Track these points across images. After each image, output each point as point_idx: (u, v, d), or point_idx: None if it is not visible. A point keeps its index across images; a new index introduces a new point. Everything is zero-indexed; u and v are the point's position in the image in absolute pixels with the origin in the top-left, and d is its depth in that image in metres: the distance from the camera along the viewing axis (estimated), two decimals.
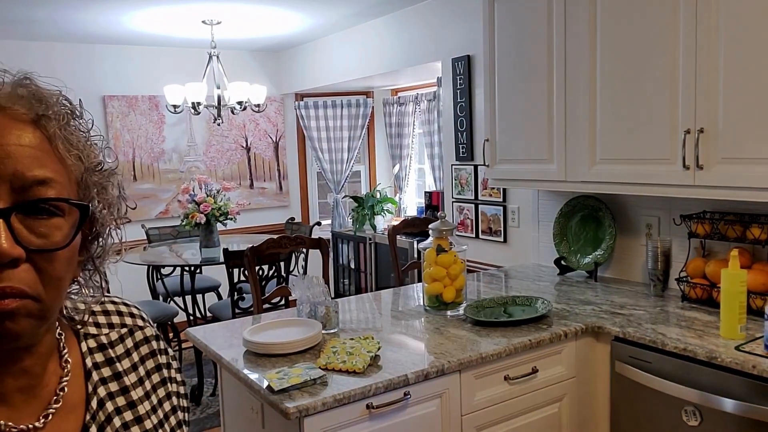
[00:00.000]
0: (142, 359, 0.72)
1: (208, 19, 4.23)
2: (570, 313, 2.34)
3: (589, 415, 2.27)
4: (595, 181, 2.51)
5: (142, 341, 0.73)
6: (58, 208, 0.56)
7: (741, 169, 2.01)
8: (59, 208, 0.56)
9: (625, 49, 2.33)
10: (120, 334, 0.71)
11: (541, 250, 3.23)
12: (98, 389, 0.65)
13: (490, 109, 2.97)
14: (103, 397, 0.65)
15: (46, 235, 0.55)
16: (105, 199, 0.64)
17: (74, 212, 0.57)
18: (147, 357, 0.72)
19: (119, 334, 0.71)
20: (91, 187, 0.61)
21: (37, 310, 0.54)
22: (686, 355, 1.92)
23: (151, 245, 4.82)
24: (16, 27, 4.31)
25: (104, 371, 0.67)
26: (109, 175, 0.64)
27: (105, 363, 0.68)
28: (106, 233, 0.66)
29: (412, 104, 5.38)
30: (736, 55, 2.00)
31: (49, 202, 0.55)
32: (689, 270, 2.41)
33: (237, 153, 5.73)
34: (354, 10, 4.27)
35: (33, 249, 0.53)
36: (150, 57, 5.27)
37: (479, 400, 2.00)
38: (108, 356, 0.68)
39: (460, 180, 3.82)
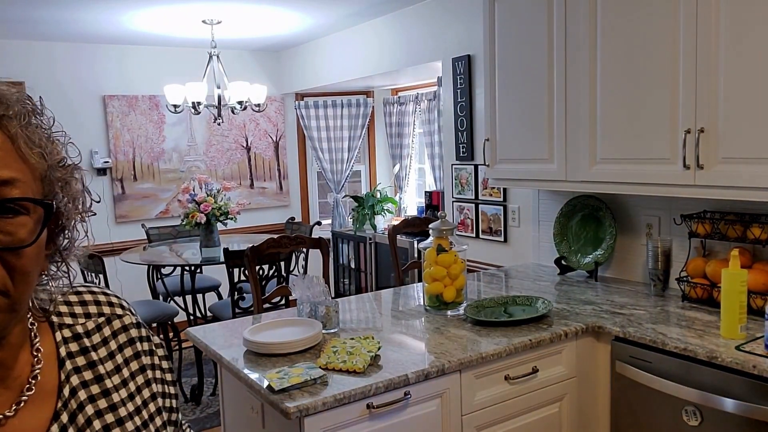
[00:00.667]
0: (120, 347, 0.73)
1: (208, 18, 4.23)
2: (570, 313, 2.34)
3: (589, 415, 2.27)
4: (595, 181, 2.51)
5: (120, 329, 0.73)
6: (23, 207, 0.57)
7: (741, 168, 2.01)
8: (24, 207, 0.57)
9: (626, 49, 2.33)
10: (97, 323, 0.72)
11: (542, 250, 3.23)
12: (71, 378, 0.66)
13: (490, 109, 2.97)
14: (76, 385, 0.66)
15: (12, 233, 0.56)
16: (69, 193, 0.64)
17: (39, 209, 0.59)
18: (125, 345, 0.73)
19: (96, 323, 0.72)
20: (55, 183, 0.62)
21: (6, 305, 0.56)
22: (687, 354, 1.92)
23: (151, 245, 4.82)
24: (16, 27, 4.31)
25: (78, 360, 0.68)
26: (72, 170, 0.65)
27: (80, 352, 0.69)
28: (72, 226, 0.66)
29: (413, 104, 5.38)
30: (737, 54, 2.00)
31: (15, 202, 0.56)
32: (689, 270, 2.41)
33: (237, 153, 5.73)
34: (354, 10, 4.27)
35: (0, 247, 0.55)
36: (150, 57, 5.27)
37: (479, 400, 2.00)
38: (83, 345, 0.69)
39: (460, 180, 3.82)
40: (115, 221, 5.20)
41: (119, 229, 5.21)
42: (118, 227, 5.21)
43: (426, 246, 2.43)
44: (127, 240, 5.18)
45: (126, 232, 5.23)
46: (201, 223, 4.27)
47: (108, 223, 5.16)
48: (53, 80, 4.89)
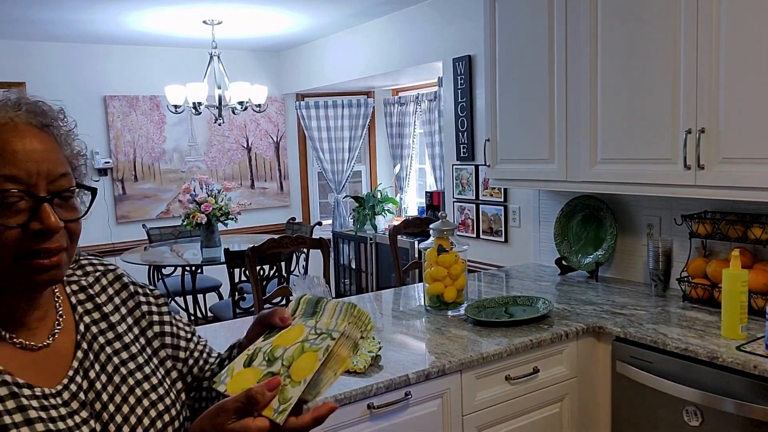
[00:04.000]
0: (117, 292, 0.94)
1: (208, 19, 4.24)
2: (571, 313, 2.34)
3: (590, 416, 2.27)
4: (596, 181, 2.51)
5: (114, 279, 0.95)
6: (72, 191, 0.81)
7: (742, 168, 2.01)
8: (72, 191, 0.81)
9: (626, 49, 2.33)
10: (95, 276, 0.94)
11: (542, 250, 3.23)
12: (84, 318, 0.88)
13: (491, 109, 2.97)
14: (88, 323, 0.88)
15: (71, 210, 0.80)
16: (82, 174, 0.86)
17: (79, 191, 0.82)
18: (120, 290, 0.94)
19: (95, 277, 0.93)
20: (77, 169, 0.85)
21: (67, 258, 0.80)
22: (687, 355, 1.92)
23: (152, 245, 4.83)
24: (16, 27, 4.31)
25: (87, 305, 0.90)
26: (85, 158, 0.87)
27: (87, 299, 0.90)
28: None
29: (413, 104, 5.38)
30: (738, 54, 1.99)
31: (71, 189, 0.80)
32: (690, 270, 2.41)
33: (238, 153, 5.73)
34: (354, 10, 4.27)
35: (67, 220, 0.79)
36: (151, 57, 5.27)
37: (480, 400, 2.00)
38: (88, 293, 0.91)
39: (461, 180, 3.82)
40: (116, 221, 5.20)
41: (120, 229, 5.22)
42: (118, 227, 5.21)
43: (427, 246, 2.43)
44: (128, 240, 5.18)
45: (127, 232, 5.24)
46: (202, 224, 4.27)
47: (109, 224, 5.16)
48: (54, 80, 4.89)
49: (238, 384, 0.77)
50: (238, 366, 0.80)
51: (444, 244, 2.38)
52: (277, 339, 0.82)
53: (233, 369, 0.79)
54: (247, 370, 0.78)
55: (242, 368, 0.79)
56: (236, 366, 0.80)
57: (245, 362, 0.79)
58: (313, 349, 0.78)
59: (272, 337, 0.83)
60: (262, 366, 0.78)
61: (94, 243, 4.96)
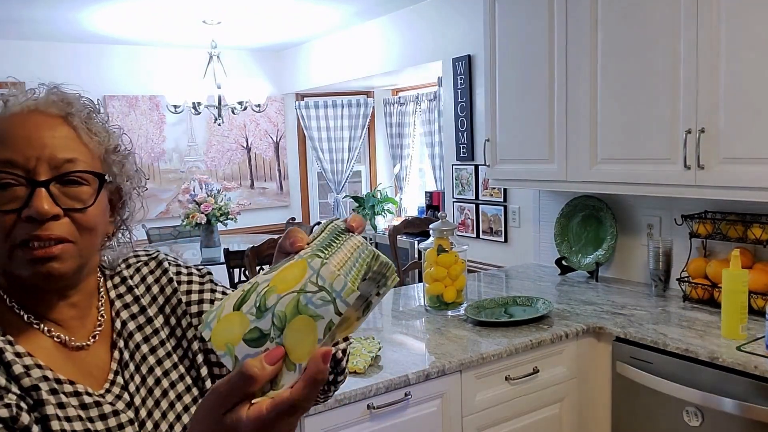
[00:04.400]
0: (157, 279, 0.90)
1: (208, 19, 4.23)
2: (571, 314, 2.34)
3: (590, 416, 2.27)
4: (596, 181, 2.51)
5: (155, 267, 0.91)
6: (83, 179, 0.76)
7: (742, 169, 2.01)
8: (85, 179, 0.76)
9: (626, 50, 2.33)
10: (136, 267, 0.91)
11: (542, 250, 3.22)
12: (121, 313, 0.85)
13: (490, 109, 2.96)
14: (126, 319, 0.85)
15: (76, 198, 0.76)
16: (125, 173, 0.83)
17: (96, 181, 0.78)
18: (160, 277, 0.91)
19: (135, 267, 0.91)
20: (112, 165, 0.81)
21: (74, 250, 0.75)
22: (687, 355, 1.92)
23: (152, 245, 4.82)
24: (16, 27, 4.30)
25: (126, 298, 0.87)
26: (127, 154, 0.84)
27: (126, 292, 0.87)
28: (129, 200, 0.85)
29: (413, 104, 5.38)
30: (738, 54, 1.99)
31: (73, 173, 0.75)
32: (690, 270, 2.41)
33: (237, 153, 5.73)
34: (354, 10, 4.27)
35: (67, 208, 0.74)
36: (150, 57, 5.26)
37: (480, 401, 2.00)
38: (128, 285, 0.88)
39: (460, 180, 3.82)
40: None
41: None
42: None
43: (426, 246, 2.43)
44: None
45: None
46: (201, 224, 4.27)
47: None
48: (53, 80, 4.76)
49: (222, 333, 0.61)
50: (228, 306, 0.62)
51: (444, 244, 2.38)
52: (278, 276, 0.61)
53: (222, 309, 0.62)
54: (235, 315, 0.61)
55: (231, 311, 0.61)
56: (226, 306, 0.62)
57: (236, 303, 0.62)
58: (309, 312, 0.59)
59: (275, 270, 0.63)
60: (251, 315, 0.60)
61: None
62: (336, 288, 0.59)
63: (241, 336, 0.60)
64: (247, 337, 0.59)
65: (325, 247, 0.63)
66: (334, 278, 0.59)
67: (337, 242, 0.64)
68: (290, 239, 0.65)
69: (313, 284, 0.60)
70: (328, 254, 0.62)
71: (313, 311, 0.59)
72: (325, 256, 0.62)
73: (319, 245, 0.64)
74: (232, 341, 0.60)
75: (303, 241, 0.65)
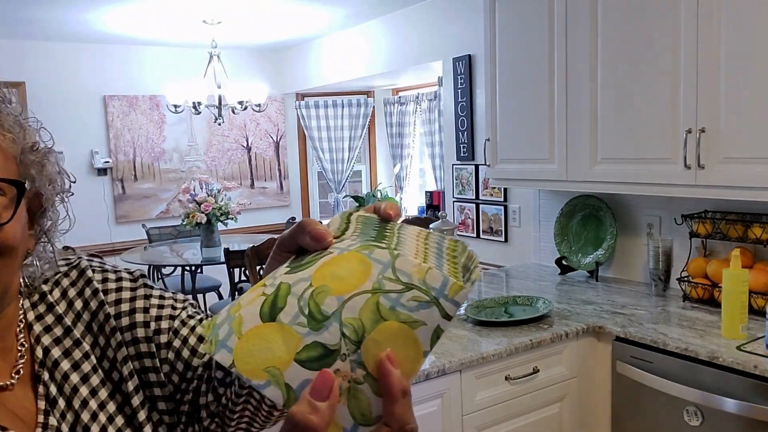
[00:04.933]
0: (79, 292, 0.73)
1: (208, 18, 4.23)
2: (571, 313, 2.34)
3: (590, 416, 2.27)
4: (596, 181, 2.51)
5: (77, 277, 0.74)
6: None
7: (742, 168, 2.01)
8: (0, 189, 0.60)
9: (627, 49, 2.33)
10: (55, 279, 0.73)
11: (542, 250, 3.22)
12: (42, 338, 0.69)
13: (491, 109, 2.96)
14: (49, 344, 0.69)
15: None
16: (45, 175, 0.67)
17: (13, 190, 0.61)
18: (83, 288, 0.73)
19: (54, 281, 0.73)
20: (30, 166, 0.65)
21: None
22: (688, 355, 1.92)
23: (152, 245, 4.83)
24: (16, 27, 4.31)
25: (48, 318, 0.70)
26: (46, 153, 0.68)
27: (47, 310, 0.71)
28: (52, 207, 0.69)
29: (413, 104, 5.38)
30: (738, 54, 1.99)
31: None
32: (690, 270, 2.41)
33: (238, 153, 5.73)
34: (354, 10, 4.27)
35: None
36: (151, 56, 5.27)
37: (480, 400, 2.00)
38: (47, 302, 0.71)
39: (461, 179, 3.82)
40: (116, 221, 5.20)
41: (120, 229, 5.21)
42: (118, 227, 5.21)
43: None
44: (127, 240, 5.18)
45: (126, 232, 5.23)
46: (201, 223, 4.27)
47: (108, 223, 5.16)
48: (53, 80, 4.89)
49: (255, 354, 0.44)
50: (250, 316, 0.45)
51: None
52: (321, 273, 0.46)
53: (240, 321, 0.45)
54: (270, 328, 0.44)
55: (259, 322, 0.44)
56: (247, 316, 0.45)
57: (264, 310, 0.45)
58: (401, 317, 0.43)
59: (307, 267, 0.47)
60: (300, 326, 0.44)
61: (94, 243, 4.96)
62: (432, 284, 0.44)
63: (291, 355, 0.43)
64: (303, 357, 0.43)
65: (373, 237, 0.48)
66: (425, 272, 0.44)
67: (386, 232, 0.50)
68: (310, 233, 0.49)
69: (392, 281, 0.44)
70: (391, 242, 0.47)
71: (406, 316, 0.44)
72: (387, 242, 0.47)
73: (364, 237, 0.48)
74: (276, 364, 0.43)
75: (329, 234, 0.49)
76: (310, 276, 0.45)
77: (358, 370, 0.43)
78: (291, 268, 0.48)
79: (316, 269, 0.46)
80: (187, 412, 0.74)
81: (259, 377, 0.43)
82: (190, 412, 0.75)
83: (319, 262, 0.46)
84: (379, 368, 0.42)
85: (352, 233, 0.50)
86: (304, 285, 0.45)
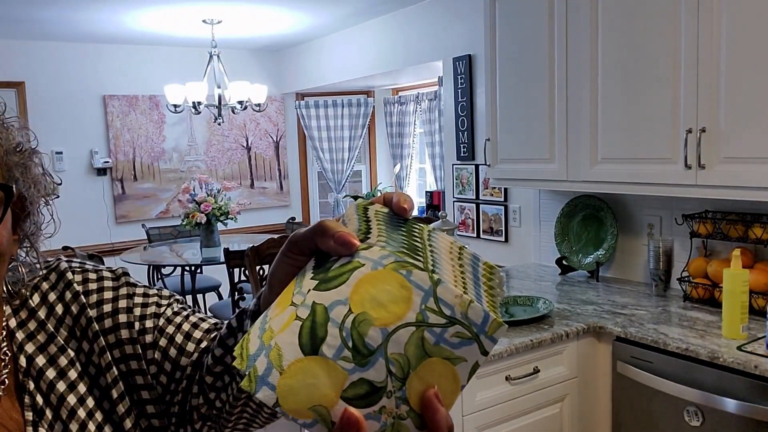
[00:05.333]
0: (60, 296, 0.69)
1: (208, 18, 4.23)
2: (571, 313, 2.34)
3: (590, 416, 2.27)
4: (596, 181, 2.51)
5: (56, 281, 0.71)
6: None
7: (743, 168, 2.01)
8: None
9: (627, 49, 2.33)
10: (34, 284, 0.70)
11: (543, 250, 3.22)
12: (25, 346, 0.66)
13: (491, 109, 2.96)
14: (32, 352, 0.66)
15: None
16: (29, 177, 0.64)
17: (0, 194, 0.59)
18: (63, 291, 0.70)
19: (34, 285, 0.70)
20: (13, 168, 0.62)
21: None
22: (688, 355, 1.91)
23: (152, 245, 4.82)
24: (16, 27, 4.30)
25: (30, 325, 0.67)
26: (30, 154, 0.65)
27: (29, 316, 0.68)
28: (36, 211, 0.66)
29: (413, 104, 5.38)
30: (738, 54, 1.99)
31: None
32: (691, 270, 2.40)
33: (237, 152, 5.72)
34: (354, 10, 4.27)
35: None
36: (150, 56, 5.26)
37: (480, 400, 2.00)
38: (29, 307, 0.68)
39: (461, 179, 3.81)
40: (116, 221, 5.20)
41: (119, 229, 5.21)
42: (118, 227, 5.21)
43: None
44: (127, 240, 5.18)
45: (126, 232, 5.23)
46: (201, 223, 4.27)
47: (108, 224, 5.16)
48: (53, 80, 4.88)
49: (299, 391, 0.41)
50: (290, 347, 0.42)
51: None
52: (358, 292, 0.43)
53: (280, 352, 0.42)
54: (313, 362, 0.41)
55: (301, 355, 0.42)
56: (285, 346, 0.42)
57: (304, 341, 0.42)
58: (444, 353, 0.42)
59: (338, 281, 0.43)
60: (345, 361, 0.41)
61: (94, 243, 4.96)
62: (474, 320, 0.42)
63: (338, 393, 0.41)
64: (349, 395, 0.41)
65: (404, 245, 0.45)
66: (467, 306, 0.43)
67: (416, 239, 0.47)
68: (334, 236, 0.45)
69: (436, 313, 0.42)
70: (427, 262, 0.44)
71: (449, 352, 0.42)
72: (425, 265, 0.44)
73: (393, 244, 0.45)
74: (323, 402, 0.41)
75: (355, 238, 0.45)
76: (347, 299, 0.42)
77: (402, 406, 0.42)
78: (318, 280, 0.44)
79: (352, 290, 0.43)
80: (178, 414, 0.71)
81: (306, 416, 0.41)
82: (181, 414, 0.71)
83: (352, 278, 0.43)
84: (427, 405, 0.42)
85: (377, 236, 0.46)
86: (343, 310, 0.42)
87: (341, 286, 0.43)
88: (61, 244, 4.32)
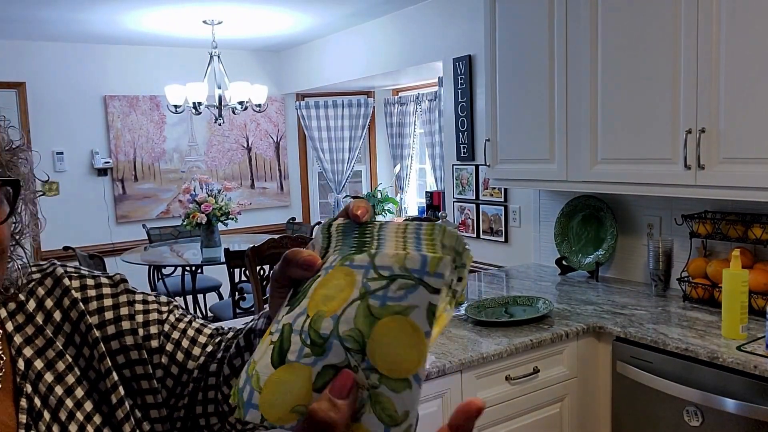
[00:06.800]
0: (57, 302, 0.70)
1: (209, 19, 4.23)
2: (571, 313, 2.34)
3: (590, 416, 2.27)
4: (596, 181, 2.51)
5: (53, 285, 0.71)
6: None
7: (742, 168, 2.01)
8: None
9: (627, 49, 2.33)
10: (30, 288, 0.69)
11: (543, 250, 3.22)
12: (23, 350, 0.66)
13: (491, 109, 2.96)
14: (31, 356, 0.66)
15: None
16: (18, 175, 0.64)
17: (2, 189, 0.59)
18: (61, 298, 0.70)
19: (29, 289, 0.69)
20: (5, 166, 0.62)
21: None
22: (688, 355, 1.92)
23: (152, 245, 4.83)
24: (16, 27, 4.31)
25: (28, 330, 0.67)
26: (17, 152, 0.64)
27: (26, 320, 0.68)
28: (25, 208, 0.66)
29: (413, 104, 5.38)
30: (738, 54, 1.99)
31: None
32: (691, 270, 2.41)
33: (238, 153, 5.73)
34: (354, 10, 4.27)
35: None
36: (151, 57, 5.27)
37: None
38: (26, 312, 0.68)
39: (461, 180, 3.82)
40: (116, 221, 5.20)
41: (120, 229, 5.22)
42: (118, 227, 5.21)
43: None
44: (127, 240, 5.18)
45: (127, 232, 5.23)
46: (202, 224, 4.27)
47: (109, 224, 5.16)
48: (54, 80, 4.89)
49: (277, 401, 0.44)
50: (265, 368, 0.45)
51: None
52: (314, 301, 0.46)
53: (257, 377, 0.45)
54: (283, 372, 0.45)
55: (272, 370, 0.45)
56: (262, 369, 0.46)
57: (275, 358, 0.45)
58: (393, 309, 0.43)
59: (301, 300, 0.47)
60: (307, 358, 0.44)
61: (94, 243, 4.96)
62: (413, 267, 0.43)
63: (308, 389, 0.43)
64: (319, 384, 0.43)
65: (355, 245, 0.48)
66: (403, 259, 0.44)
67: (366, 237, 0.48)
68: (299, 260, 0.49)
69: (376, 280, 0.44)
70: (373, 244, 0.47)
71: (396, 307, 0.43)
72: (369, 247, 0.46)
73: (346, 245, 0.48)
74: (299, 401, 0.43)
75: (317, 258, 0.49)
76: (305, 308, 0.46)
77: (372, 376, 0.43)
78: (290, 306, 0.48)
79: (309, 298, 0.46)
80: (182, 419, 0.72)
81: (290, 419, 0.44)
82: (185, 419, 0.72)
83: (310, 290, 0.47)
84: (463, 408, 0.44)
85: (335, 247, 0.49)
86: (302, 319, 0.45)
87: (303, 301, 0.47)
88: (62, 245, 4.33)
